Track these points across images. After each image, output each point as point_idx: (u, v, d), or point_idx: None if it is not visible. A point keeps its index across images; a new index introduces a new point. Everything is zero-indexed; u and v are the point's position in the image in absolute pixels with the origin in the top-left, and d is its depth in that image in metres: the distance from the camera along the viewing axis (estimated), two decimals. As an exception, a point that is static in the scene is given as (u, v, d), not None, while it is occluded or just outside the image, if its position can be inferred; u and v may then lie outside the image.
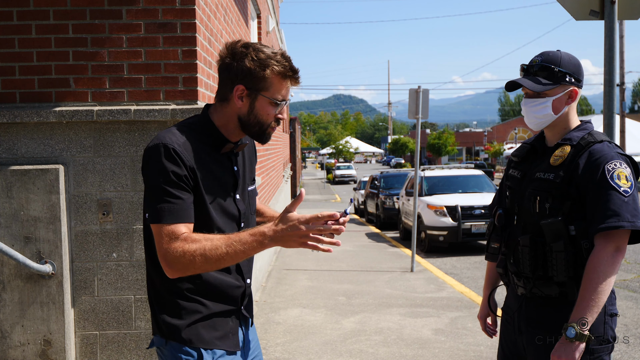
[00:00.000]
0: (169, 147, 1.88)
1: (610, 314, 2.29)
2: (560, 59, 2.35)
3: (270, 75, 1.97)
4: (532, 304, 2.37)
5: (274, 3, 12.80)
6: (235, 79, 1.98)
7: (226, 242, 1.83)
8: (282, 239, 1.82)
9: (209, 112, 2.07)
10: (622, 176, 2.19)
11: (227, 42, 2.05)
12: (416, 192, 10.00)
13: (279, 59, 1.99)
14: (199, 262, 1.82)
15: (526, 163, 2.50)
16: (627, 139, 26.97)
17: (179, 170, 1.87)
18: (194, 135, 1.97)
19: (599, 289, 2.13)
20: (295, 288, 8.11)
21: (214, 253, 1.82)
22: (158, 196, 1.86)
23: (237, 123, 2.03)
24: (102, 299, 3.99)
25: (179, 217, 1.86)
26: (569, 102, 2.37)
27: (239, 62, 1.97)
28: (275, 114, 2.03)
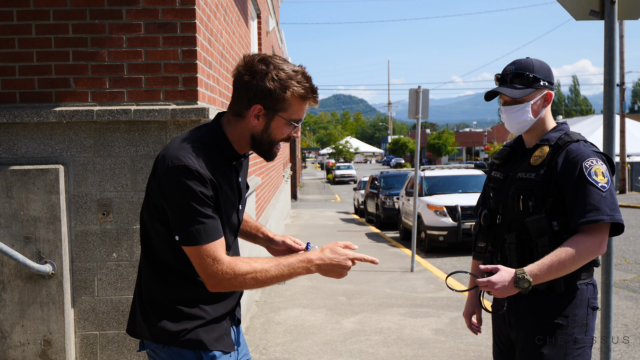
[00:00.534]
0: (192, 170, 1.84)
1: (592, 306, 2.42)
2: (532, 65, 2.48)
3: (290, 97, 1.92)
4: (520, 298, 2.44)
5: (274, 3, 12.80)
6: (253, 98, 1.92)
7: (276, 266, 1.88)
8: (327, 268, 1.90)
9: (221, 124, 2.02)
10: (599, 172, 2.31)
11: (245, 56, 1.98)
12: (416, 192, 9.99)
13: (300, 79, 1.94)
14: (250, 283, 1.87)
15: (507, 165, 2.62)
16: (627, 139, 26.96)
17: (205, 190, 1.86)
18: (207, 152, 1.93)
19: (565, 261, 2.23)
20: (295, 288, 8.11)
21: (264, 275, 1.87)
22: (190, 218, 1.84)
23: (249, 140, 2.00)
24: (102, 299, 3.99)
25: (214, 236, 1.86)
26: (545, 105, 2.50)
27: (259, 82, 1.91)
28: (290, 133, 2.01)
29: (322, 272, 1.90)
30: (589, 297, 2.40)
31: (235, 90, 1.97)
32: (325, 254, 1.89)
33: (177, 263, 1.95)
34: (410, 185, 13.72)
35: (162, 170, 1.89)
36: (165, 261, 1.97)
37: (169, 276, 1.97)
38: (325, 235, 14.42)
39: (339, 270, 1.90)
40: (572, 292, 2.38)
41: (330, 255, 1.89)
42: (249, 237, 2.39)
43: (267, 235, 2.36)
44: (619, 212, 2.30)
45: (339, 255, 1.89)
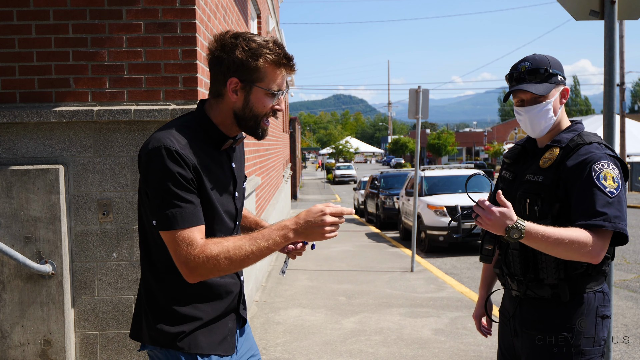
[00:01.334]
0: (171, 150, 1.79)
1: (602, 315, 2.28)
2: (547, 60, 2.34)
3: (263, 64, 1.88)
4: (526, 306, 2.37)
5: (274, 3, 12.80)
6: (227, 72, 1.89)
7: (249, 241, 1.80)
8: (306, 231, 1.81)
9: (204, 108, 1.98)
10: (608, 177, 2.16)
11: (216, 34, 1.94)
12: (416, 192, 10.00)
13: (271, 46, 1.90)
14: (224, 265, 1.78)
15: (517, 165, 2.49)
16: (627, 139, 26.97)
17: (184, 172, 1.80)
18: (192, 135, 1.89)
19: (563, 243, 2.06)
20: (295, 288, 8.11)
21: (238, 253, 1.79)
22: (166, 201, 1.78)
23: (233, 119, 1.95)
24: (102, 299, 3.99)
25: (192, 221, 1.80)
26: (562, 102, 2.38)
27: (230, 54, 1.88)
28: (273, 106, 1.95)
29: (301, 235, 1.82)
30: (597, 306, 2.26)
31: (211, 70, 1.95)
32: (299, 216, 1.83)
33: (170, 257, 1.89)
34: (410, 185, 13.72)
35: (143, 154, 1.86)
36: (160, 258, 1.92)
37: (165, 274, 1.92)
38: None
39: (319, 230, 1.81)
40: (578, 301, 2.26)
41: (304, 216, 1.82)
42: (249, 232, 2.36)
43: None
44: (624, 222, 2.14)
45: (314, 213, 1.81)
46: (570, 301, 2.27)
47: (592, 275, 2.27)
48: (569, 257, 2.13)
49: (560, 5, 3.57)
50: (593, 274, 2.27)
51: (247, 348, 2.17)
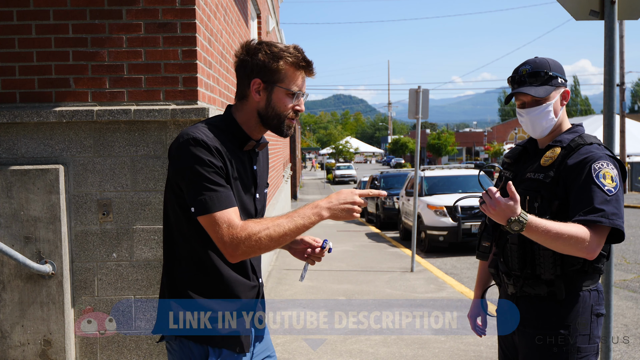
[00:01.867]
0: (199, 140, 1.92)
1: (597, 313, 2.33)
2: (548, 63, 2.40)
3: (284, 66, 2.03)
4: (522, 304, 2.40)
5: (274, 3, 12.80)
6: (251, 73, 2.05)
7: (287, 218, 1.92)
8: (337, 209, 1.96)
9: (231, 111, 2.12)
10: (607, 176, 2.23)
11: (242, 42, 2.12)
12: (416, 192, 10.00)
13: (292, 51, 2.06)
14: (265, 242, 1.89)
15: (518, 164, 2.56)
16: (627, 139, 26.96)
17: (214, 160, 1.92)
18: (218, 133, 2.01)
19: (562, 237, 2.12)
20: (295, 288, 8.11)
21: (278, 230, 1.90)
22: (201, 187, 1.89)
23: (257, 119, 2.09)
24: (102, 299, 3.98)
25: (228, 203, 1.91)
26: (563, 104, 2.44)
27: (253, 57, 2.04)
28: (293, 105, 2.08)
29: (333, 214, 1.95)
30: (592, 304, 2.31)
31: (237, 74, 2.10)
32: (331, 197, 1.98)
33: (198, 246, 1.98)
34: (410, 185, 13.72)
35: (174, 148, 1.97)
36: (185, 254, 2.00)
37: (189, 268, 2.00)
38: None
39: (349, 207, 1.96)
40: (573, 299, 2.30)
41: (337, 196, 1.97)
42: None
43: None
44: (622, 219, 2.20)
45: (345, 194, 1.97)
46: (566, 299, 2.30)
47: (588, 273, 2.31)
48: (566, 252, 2.18)
49: (560, 5, 3.57)
50: (589, 271, 2.30)
51: (263, 348, 2.19)
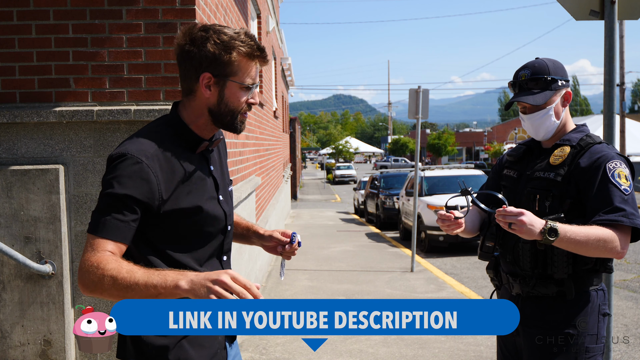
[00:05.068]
0: (133, 160, 1.73)
1: (603, 313, 2.34)
2: (547, 66, 2.40)
3: (236, 58, 1.82)
4: (528, 304, 2.39)
5: (274, 3, 12.80)
6: (199, 67, 1.82)
7: (146, 271, 1.65)
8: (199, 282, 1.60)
9: (177, 110, 1.91)
10: (622, 175, 2.24)
11: (184, 28, 1.87)
12: (416, 192, 10.00)
13: (244, 38, 1.83)
14: (107, 284, 1.64)
15: (522, 163, 2.54)
16: (627, 139, 26.96)
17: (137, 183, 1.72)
18: (163, 140, 1.82)
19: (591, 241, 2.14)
20: (295, 288, 8.11)
21: (126, 277, 1.63)
22: (101, 206, 1.73)
23: (208, 116, 1.88)
24: (102, 299, 3.98)
25: (112, 234, 1.71)
26: (565, 105, 2.44)
27: (201, 48, 1.80)
28: (247, 99, 1.88)
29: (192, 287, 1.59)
30: (599, 304, 2.32)
31: (180, 66, 1.87)
32: (202, 272, 1.64)
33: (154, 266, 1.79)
34: (410, 185, 13.72)
35: (109, 158, 1.80)
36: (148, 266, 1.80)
37: None
38: (325, 235, 14.43)
39: (211, 285, 1.58)
40: (583, 299, 2.30)
41: (205, 273, 1.62)
42: (243, 238, 2.27)
43: (258, 232, 2.22)
44: (639, 218, 2.21)
45: (217, 272, 1.62)
46: (574, 299, 2.30)
47: (599, 272, 2.32)
48: (595, 254, 2.19)
49: (560, 5, 3.57)
50: (600, 269, 2.32)
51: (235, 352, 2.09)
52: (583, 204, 2.28)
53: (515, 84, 2.44)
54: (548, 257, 2.30)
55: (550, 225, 2.12)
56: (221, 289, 1.58)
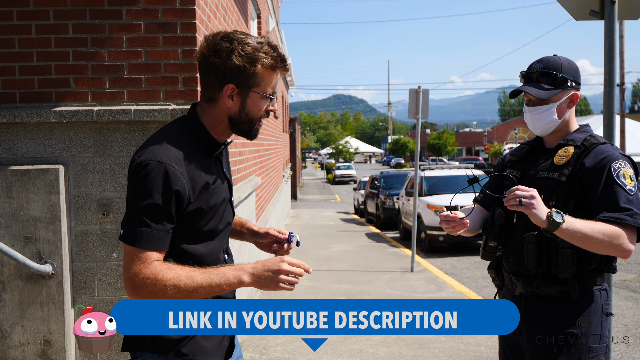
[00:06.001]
0: (164, 167, 1.75)
1: (607, 313, 2.34)
2: (560, 64, 2.40)
3: (260, 70, 1.86)
4: (531, 304, 2.39)
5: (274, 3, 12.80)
6: (223, 78, 1.85)
7: (203, 274, 1.75)
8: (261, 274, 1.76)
9: (197, 113, 1.95)
10: (627, 175, 2.25)
11: (207, 37, 1.89)
12: (416, 192, 10.00)
13: (267, 49, 1.87)
14: (171, 292, 1.73)
15: (525, 163, 2.54)
16: (627, 139, 26.95)
17: (172, 192, 1.76)
18: (186, 145, 1.85)
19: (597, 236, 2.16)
20: (295, 288, 8.10)
21: (189, 283, 1.73)
22: (140, 217, 1.75)
23: (227, 123, 1.92)
24: (102, 299, 3.98)
25: (156, 245, 1.76)
26: (570, 106, 2.43)
27: (226, 60, 1.83)
28: (267, 107, 1.94)
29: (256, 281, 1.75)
30: (602, 304, 2.33)
31: (203, 75, 1.90)
32: (258, 262, 1.79)
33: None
34: (410, 185, 13.72)
35: (134, 163, 1.81)
36: None
37: None
38: (325, 235, 14.43)
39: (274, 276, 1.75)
40: (586, 299, 2.31)
41: (263, 262, 1.78)
42: (236, 234, 2.32)
43: (252, 229, 2.28)
44: None
45: (273, 260, 1.77)
46: (578, 299, 2.30)
47: (603, 272, 2.32)
48: (601, 249, 2.19)
49: (560, 5, 3.57)
50: (604, 269, 2.32)
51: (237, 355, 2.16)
52: (587, 204, 2.29)
53: (526, 75, 2.45)
54: (552, 257, 2.30)
55: (555, 209, 2.14)
56: (285, 276, 1.75)
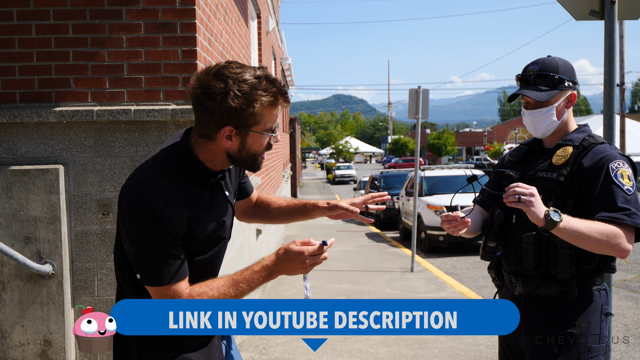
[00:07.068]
0: (156, 210, 1.72)
1: (606, 313, 2.34)
2: (557, 65, 2.40)
3: (259, 109, 1.74)
4: (530, 304, 2.39)
5: (274, 3, 12.80)
6: (220, 121, 1.74)
7: (233, 287, 1.80)
8: (286, 264, 1.80)
9: (190, 143, 1.85)
10: (625, 175, 2.25)
11: (199, 74, 1.78)
12: (416, 192, 10.00)
13: (265, 86, 1.75)
14: None
15: (524, 163, 2.54)
16: (627, 139, 26.96)
17: (172, 229, 1.75)
18: (178, 179, 1.80)
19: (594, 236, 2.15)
20: (296, 288, 8.11)
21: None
22: (153, 259, 1.75)
23: (225, 158, 1.84)
24: (102, 299, 3.98)
25: (180, 275, 1.78)
26: (569, 107, 2.43)
27: (222, 103, 1.71)
28: (269, 141, 1.86)
29: (284, 270, 1.80)
30: (602, 304, 2.33)
31: (197, 113, 1.79)
32: (279, 253, 1.81)
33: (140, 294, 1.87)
34: (410, 185, 13.72)
35: (124, 207, 1.78)
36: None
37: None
38: (325, 235, 14.40)
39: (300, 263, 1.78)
40: (586, 299, 2.31)
41: (285, 254, 1.80)
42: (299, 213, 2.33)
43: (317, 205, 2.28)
44: None
45: (294, 254, 1.79)
46: (577, 299, 2.30)
47: (602, 271, 2.32)
48: (599, 249, 2.18)
49: (560, 5, 3.57)
50: (603, 269, 2.32)
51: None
52: (586, 204, 2.29)
53: (523, 77, 2.44)
54: (551, 257, 2.30)
55: (553, 208, 2.14)
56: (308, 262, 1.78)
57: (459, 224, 2.37)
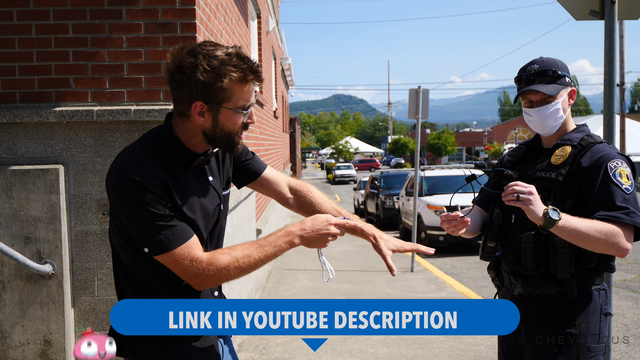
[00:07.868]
0: (139, 181, 1.74)
1: (605, 312, 2.34)
2: (555, 62, 2.43)
3: (229, 84, 1.76)
4: (530, 304, 2.39)
5: (274, 3, 12.81)
6: (190, 95, 1.77)
7: (257, 249, 1.82)
8: (310, 237, 1.84)
9: (171, 125, 1.89)
10: (623, 174, 2.25)
11: (172, 50, 1.81)
12: (416, 192, 10.00)
13: (235, 62, 1.77)
14: (234, 274, 1.81)
15: (523, 163, 2.55)
16: (627, 139, 26.96)
17: (160, 198, 1.76)
18: (160, 158, 1.83)
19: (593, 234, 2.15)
20: (296, 288, 8.11)
21: (247, 261, 1.81)
22: (152, 227, 1.76)
23: (202, 137, 1.86)
24: (102, 299, 3.98)
25: (184, 237, 1.79)
26: (570, 102, 2.45)
27: (190, 77, 1.74)
28: (244, 121, 1.86)
29: (305, 242, 1.84)
30: (601, 304, 2.33)
31: (171, 90, 1.84)
32: (306, 224, 1.86)
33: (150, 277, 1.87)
34: (410, 185, 13.72)
35: (112, 188, 1.81)
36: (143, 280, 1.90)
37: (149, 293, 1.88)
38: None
39: (323, 238, 1.85)
40: (585, 298, 2.31)
41: (311, 224, 1.86)
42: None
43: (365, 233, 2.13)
44: None
45: (320, 222, 1.85)
46: (577, 299, 2.31)
47: (601, 271, 2.32)
48: (598, 247, 2.18)
49: (560, 5, 3.57)
50: (602, 269, 2.32)
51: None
52: (585, 203, 2.29)
53: (523, 77, 2.45)
54: (550, 257, 2.30)
55: (552, 207, 2.15)
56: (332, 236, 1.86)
57: (458, 223, 2.37)
